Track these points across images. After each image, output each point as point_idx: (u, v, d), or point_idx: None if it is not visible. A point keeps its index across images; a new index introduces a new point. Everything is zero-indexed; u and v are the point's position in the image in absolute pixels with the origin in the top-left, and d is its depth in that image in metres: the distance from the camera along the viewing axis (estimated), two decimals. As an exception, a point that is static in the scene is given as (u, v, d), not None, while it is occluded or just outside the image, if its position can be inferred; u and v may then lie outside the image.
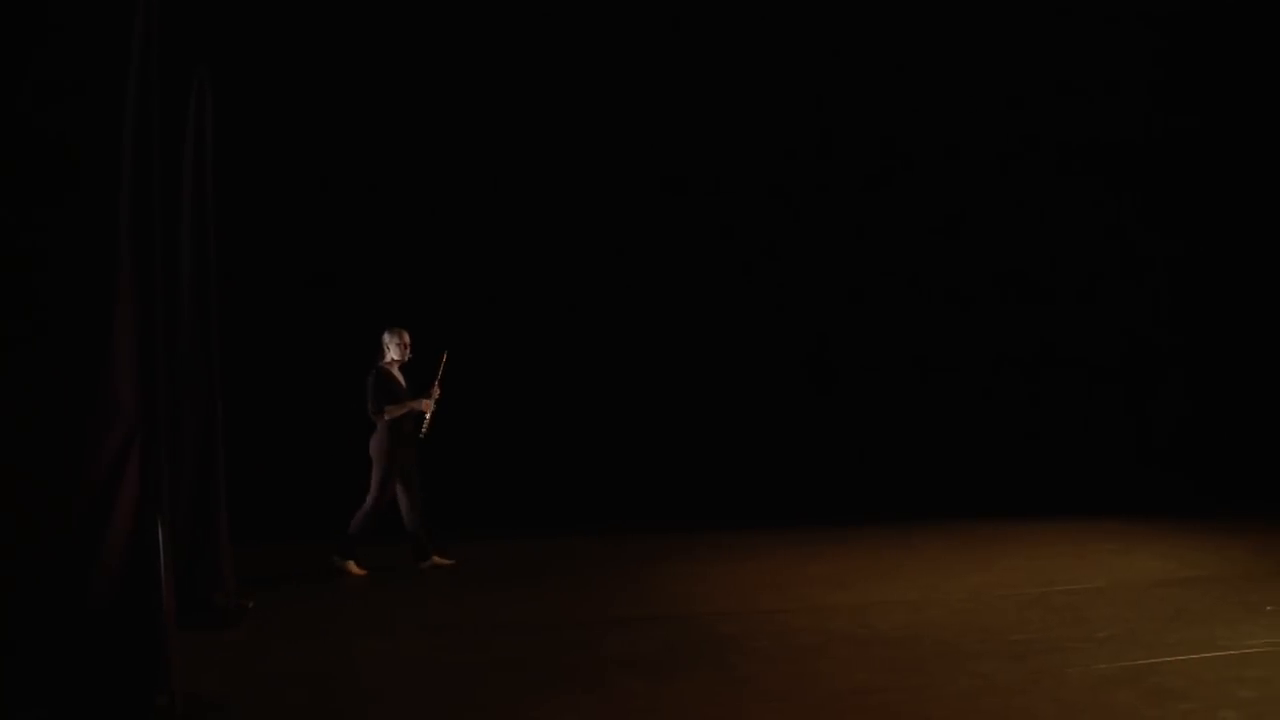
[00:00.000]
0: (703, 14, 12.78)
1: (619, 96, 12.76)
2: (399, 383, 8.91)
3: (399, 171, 12.05)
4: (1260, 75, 13.53)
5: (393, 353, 8.96)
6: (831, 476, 12.67)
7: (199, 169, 7.26)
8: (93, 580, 4.98)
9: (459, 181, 12.29)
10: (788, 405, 13.22)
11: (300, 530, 10.35)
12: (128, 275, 5.19)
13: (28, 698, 4.84)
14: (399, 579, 8.78)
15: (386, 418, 8.80)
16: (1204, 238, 13.90)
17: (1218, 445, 13.39)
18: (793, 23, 13.04)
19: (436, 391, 8.87)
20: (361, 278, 11.92)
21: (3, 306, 5.05)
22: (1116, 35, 13.40)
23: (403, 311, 11.74)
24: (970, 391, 13.71)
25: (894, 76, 13.41)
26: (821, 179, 13.46)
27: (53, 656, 4.91)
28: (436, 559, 9.04)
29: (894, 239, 13.66)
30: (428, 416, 8.88)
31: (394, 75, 11.84)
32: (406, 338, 9.01)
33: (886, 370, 13.70)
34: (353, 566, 8.88)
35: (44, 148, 5.12)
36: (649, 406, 12.54)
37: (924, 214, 13.64)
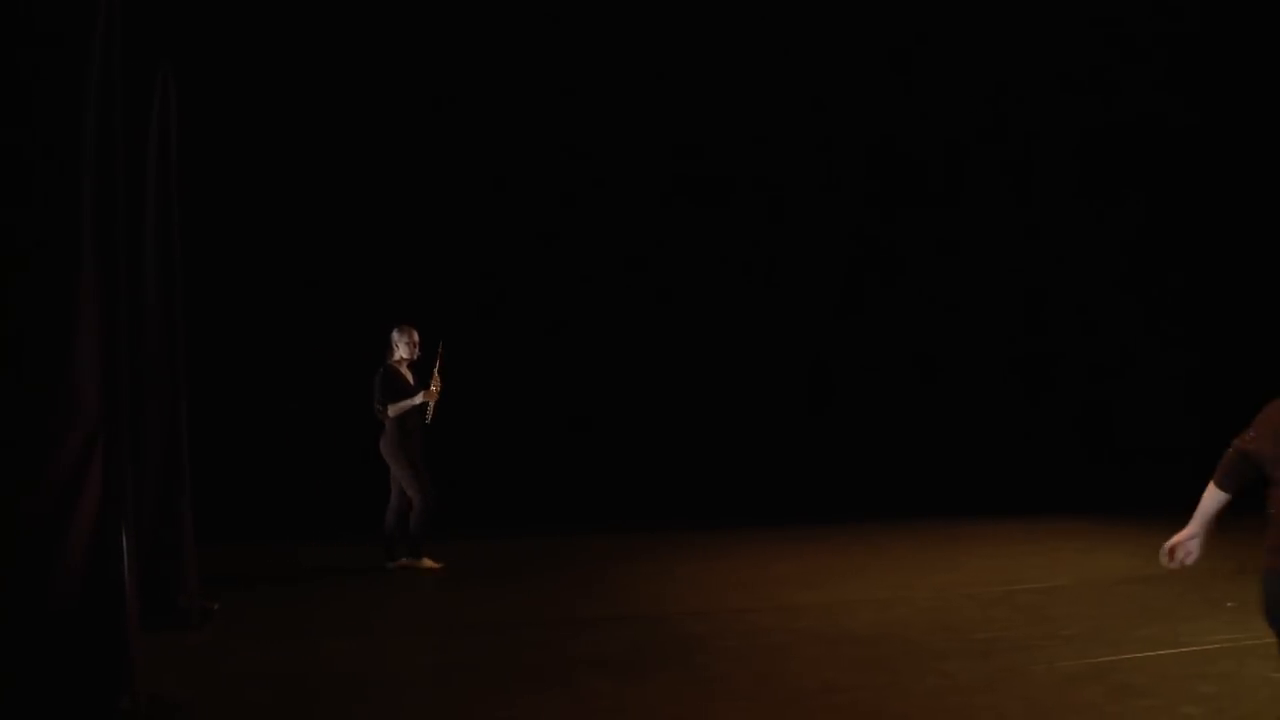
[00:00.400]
0: (715, 17, 12.82)
1: (633, 95, 12.75)
2: (406, 380, 8.85)
3: (369, 168, 11.98)
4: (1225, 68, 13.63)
5: (401, 351, 8.89)
6: (799, 477, 12.69)
7: (163, 167, 7.19)
8: (54, 581, 4.93)
9: (435, 179, 12.21)
10: (755, 406, 13.23)
11: (267, 531, 10.30)
12: (90, 274, 5.13)
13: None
14: (366, 580, 8.73)
15: (391, 414, 8.74)
16: (1164, 238, 14.00)
17: (1180, 444, 13.51)
18: (800, 24, 13.06)
19: (438, 381, 8.81)
20: (329, 277, 11.86)
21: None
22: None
23: (371, 310, 11.74)
24: (937, 392, 13.77)
25: (894, 79, 13.44)
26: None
27: (14, 659, 4.85)
28: (404, 562, 8.99)
29: (875, 241, 13.73)
30: (430, 405, 8.83)
31: (364, 69, 11.76)
32: (415, 336, 8.94)
33: (855, 372, 13.74)
34: (428, 562, 8.86)
35: (5, 148, 5.06)
36: (615, 407, 12.52)
37: (921, 217, 13.71)
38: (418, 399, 8.75)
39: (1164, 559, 4.06)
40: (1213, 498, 3.95)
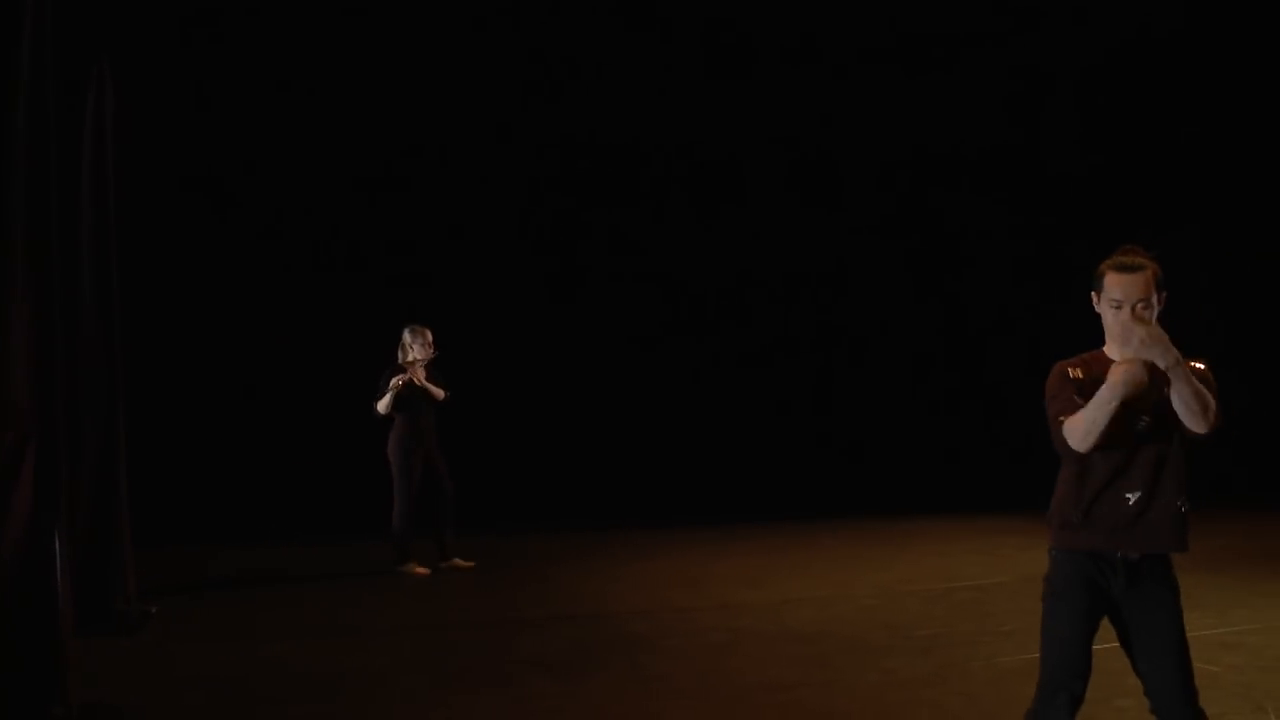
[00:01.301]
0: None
1: (633, 91, 12.77)
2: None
3: (308, 164, 11.87)
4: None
5: (415, 352, 8.74)
6: (741, 475, 12.75)
7: (98, 166, 7.06)
8: (-15, 584, 4.83)
9: (372, 174, 12.14)
10: (699, 405, 13.27)
11: (208, 534, 10.18)
12: (23, 274, 5.04)
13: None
14: (308, 583, 8.66)
15: (380, 409, 8.64)
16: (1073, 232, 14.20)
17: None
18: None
19: (418, 362, 8.68)
20: (270, 275, 11.74)
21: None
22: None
23: (322, 307, 11.67)
24: (881, 390, 13.89)
25: (898, 82, 13.58)
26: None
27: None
28: (457, 561, 8.92)
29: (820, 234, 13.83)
30: (421, 384, 8.68)
31: (305, 65, 11.66)
32: (429, 336, 8.80)
33: (796, 368, 13.83)
34: (413, 567, 8.78)
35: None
36: (554, 407, 12.49)
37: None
38: (391, 387, 8.60)
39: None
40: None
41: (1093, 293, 3.58)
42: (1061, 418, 3.47)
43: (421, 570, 8.75)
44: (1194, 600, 7.25)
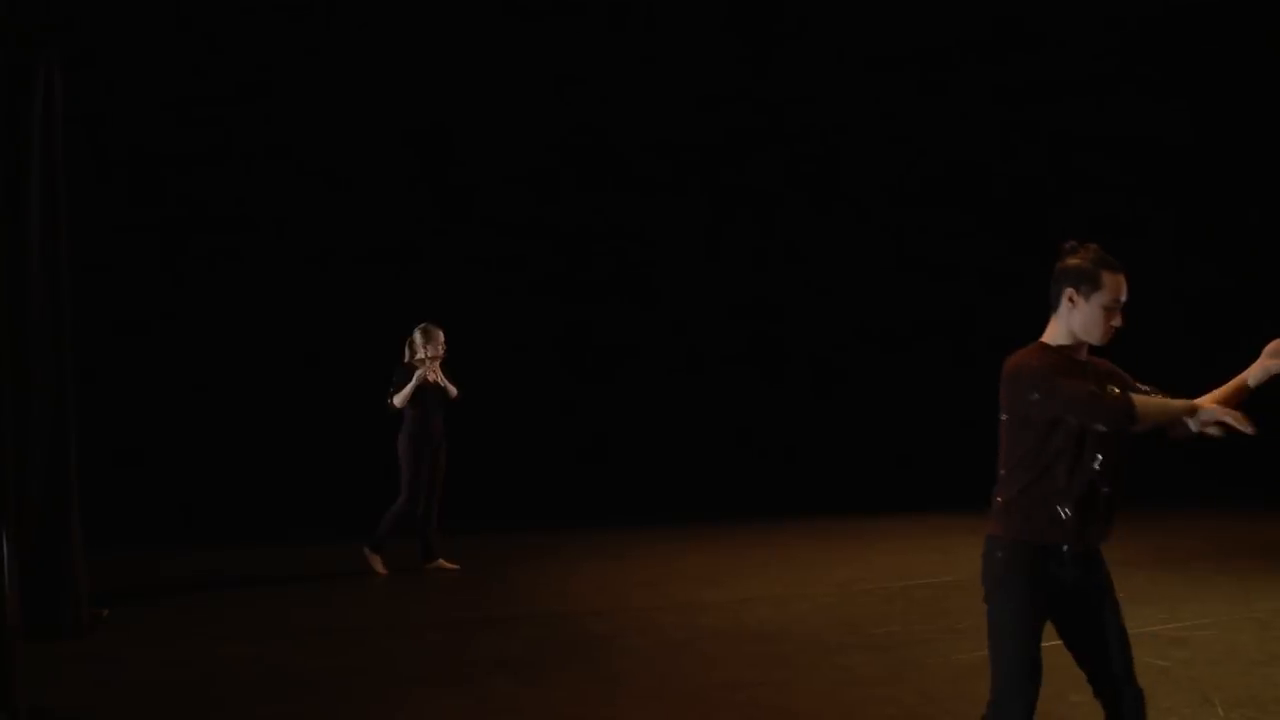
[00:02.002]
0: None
1: (630, 86, 12.76)
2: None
3: (262, 158, 11.78)
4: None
5: (425, 351, 8.62)
6: (701, 475, 12.76)
7: (47, 160, 6.94)
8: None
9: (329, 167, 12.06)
10: (658, 405, 13.28)
11: (164, 536, 10.06)
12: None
13: None
14: (266, 584, 8.56)
15: (397, 402, 8.53)
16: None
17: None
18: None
19: (429, 360, 8.57)
20: (221, 273, 11.63)
21: None
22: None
23: (265, 306, 11.57)
24: (837, 389, 13.96)
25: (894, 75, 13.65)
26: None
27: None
28: (442, 562, 8.81)
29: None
30: (441, 383, 8.59)
31: (259, 58, 11.57)
32: (440, 335, 8.66)
33: (755, 372, 13.87)
34: (378, 563, 8.66)
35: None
36: (514, 406, 12.46)
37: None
38: (413, 382, 8.48)
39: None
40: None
41: (1069, 288, 3.54)
42: (1114, 391, 3.40)
43: (382, 571, 8.68)
44: (1146, 597, 7.38)
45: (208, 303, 11.59)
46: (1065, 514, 3.49)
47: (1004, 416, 3.61)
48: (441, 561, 8.79)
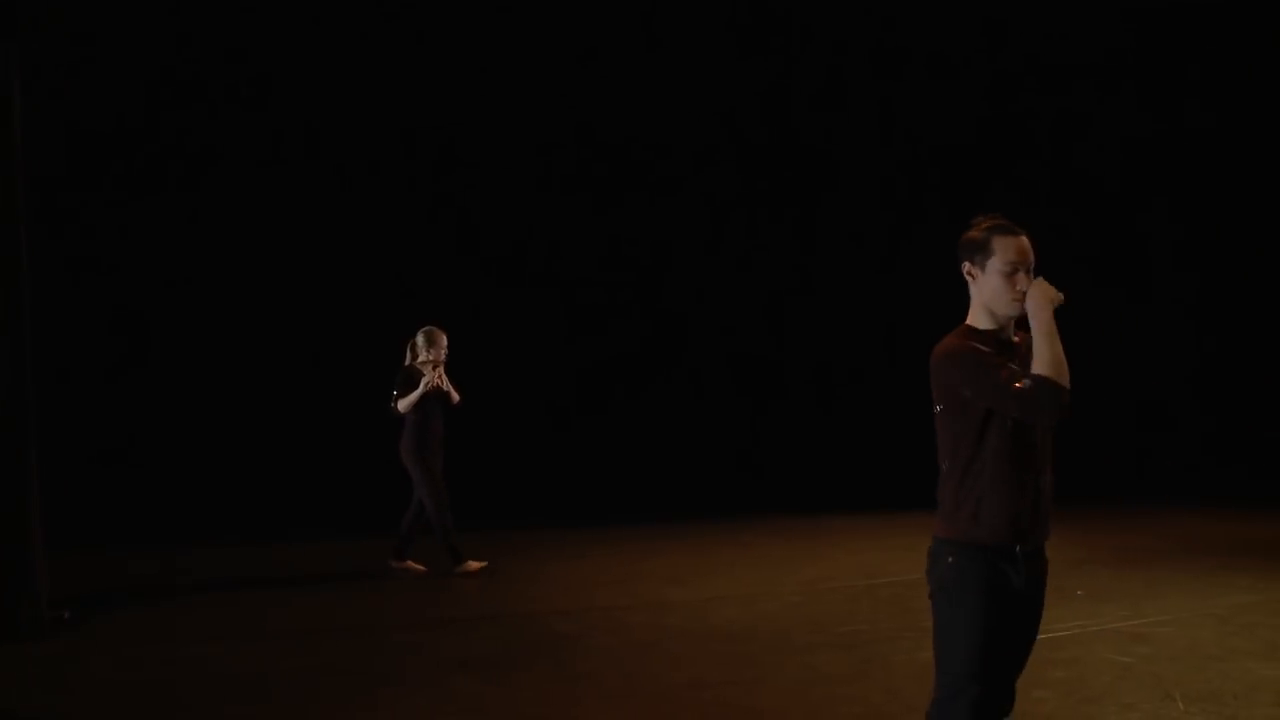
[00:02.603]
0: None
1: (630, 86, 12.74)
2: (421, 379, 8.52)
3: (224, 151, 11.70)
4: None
5: (427, 353, 8.53)
6: (666, 475, 12.77)
7: (5, 152, 6.85)
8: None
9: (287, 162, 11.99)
10: (621, 404, 13.28)
11: (127, 536, 9.97)
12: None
13: None
14: (231, 585, 8.49)
15: (401, 408, 8.43)
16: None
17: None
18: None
19: (432, 364, 8.49)
20: (185, 271, 11.53)
21: None
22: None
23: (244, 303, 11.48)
24: (804, 389, 14.01)
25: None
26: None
27: None
28: (410, 564, 8.71)
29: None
30: (446, 387, 8.51)
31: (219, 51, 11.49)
32: (444, 339, 8.59)
33: (722, 370, 13.89)
34: (470, 565, 8.57)
35: None
36: (482, 405, 12.40)
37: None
38: (419, 389, 8.39)
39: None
40: None
41: (965, 262, 3.44)
42: (1023, 381, 3.26)
43: (477, 565, 8.58)
44: (1108, 594, 7.46)
45: (207, 301, 11.54)
46: (1012, 511, 3.39)
47: (937, 408, 3.49)
48: (410, 563, 8.74)
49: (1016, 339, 3.50)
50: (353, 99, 11.88)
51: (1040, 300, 3.31)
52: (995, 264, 3.38)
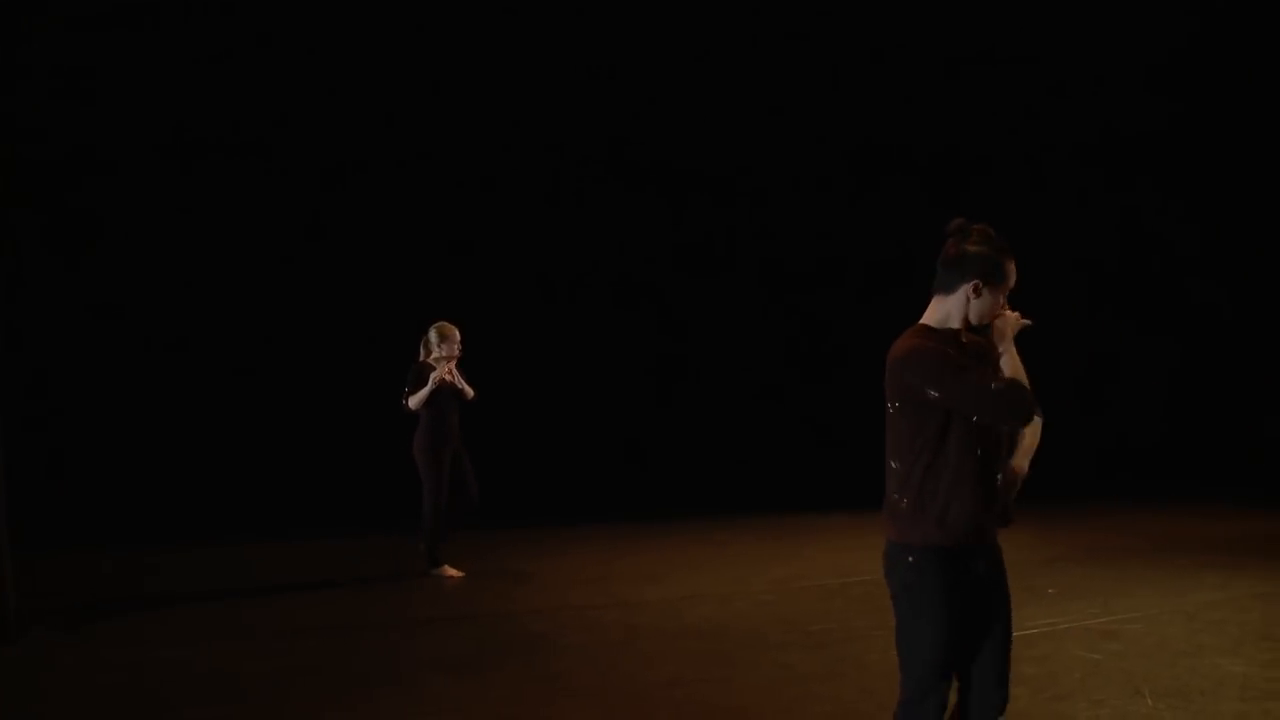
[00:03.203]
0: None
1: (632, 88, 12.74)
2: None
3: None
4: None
5: (440, 350, 8.44)
6: (640, 475, 12.78)
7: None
8: None
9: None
10: (597, 404, 13.27)
11: (97, 537, 9.90)
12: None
13: None
14: (203, 586, 8.44)
15: (412, 405, 8.33)
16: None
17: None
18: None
19: (445, 360, 8.40)
20: (146, 270, 11.48)
21: None
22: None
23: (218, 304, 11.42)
24: (776, 388, 14.04)
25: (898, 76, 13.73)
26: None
27: None
28: (447, 569, 8.62)
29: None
30: (460, 385, 8.43)
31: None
32: (456, 335, 8.48)
33: (694, 370, 13.91)
34: (448, 570, 8.51)
35: None
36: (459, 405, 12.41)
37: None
38: (429, 384, 8.30)
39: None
40: None
41: (975, 280, 3.42)
42: (996, 382, 3.33)
43: (454, 572, 8.52)
44: (1079, 591, 7.51)
45: (205, 301, 11.49)
46: (975, 512, 3.40)
47: (891, 407, 3.47)
48: (446, 568, 8.63)
49: (965, 340, 3.52)
50: (354, 93, 11.82)
51: (1009, 329, 3.47)
52: (1002, 289, 3.48)
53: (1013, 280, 3.48)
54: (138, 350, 11.35)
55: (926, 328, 3.49)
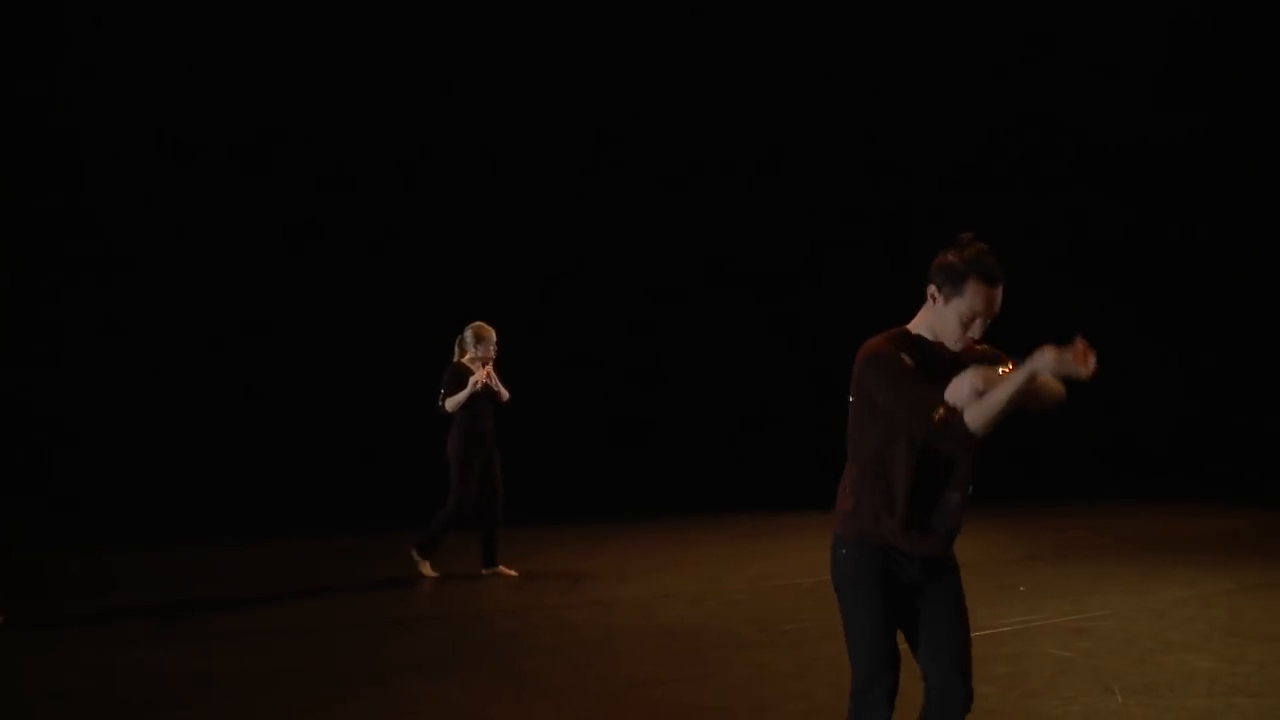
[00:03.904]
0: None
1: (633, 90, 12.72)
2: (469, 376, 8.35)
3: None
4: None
5: (475, 350, 8.36)
6: (613, 474, 12.78)
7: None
8: None
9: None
10: (578, 404, 13.27)
11: (66, 537, 9.82)
12: None
13: None
14: (171, 585, 8.38)
15: (449, 407, 8.27)
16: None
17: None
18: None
19: (481, 361, 8.34)
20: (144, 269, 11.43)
21: None
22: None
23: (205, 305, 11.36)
24: (752, 387, 14.08)
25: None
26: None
27: None
28: (501, 568, 8.57)
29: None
30: (497, 387, 8.35)
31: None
32: (493, 336, 8.40)
33: (671, 371, 13.92)
34: (426, 568, 8.43)
35: None
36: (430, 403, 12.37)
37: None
38: (468, 388, 8.24)
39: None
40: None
41: (932, 285, 3.36)
42: (941, 410, 3.20)
43: (431, 574, 8.46)
44: (1051, 589, 7.57)
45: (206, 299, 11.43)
46: (905, 520, 3.39)
47: (851, 399, 3.47)
48: (501, 568, 8.56)
49: (965, 347, 3.42)
50: (355, 92, 11.79)
51: (1045, 366, 3.13)
52: (958, 305, 3.31)
53: (979, 306, 3.29)
54: (99, 343, 11.28)
55: (902, 332, 3.46)
